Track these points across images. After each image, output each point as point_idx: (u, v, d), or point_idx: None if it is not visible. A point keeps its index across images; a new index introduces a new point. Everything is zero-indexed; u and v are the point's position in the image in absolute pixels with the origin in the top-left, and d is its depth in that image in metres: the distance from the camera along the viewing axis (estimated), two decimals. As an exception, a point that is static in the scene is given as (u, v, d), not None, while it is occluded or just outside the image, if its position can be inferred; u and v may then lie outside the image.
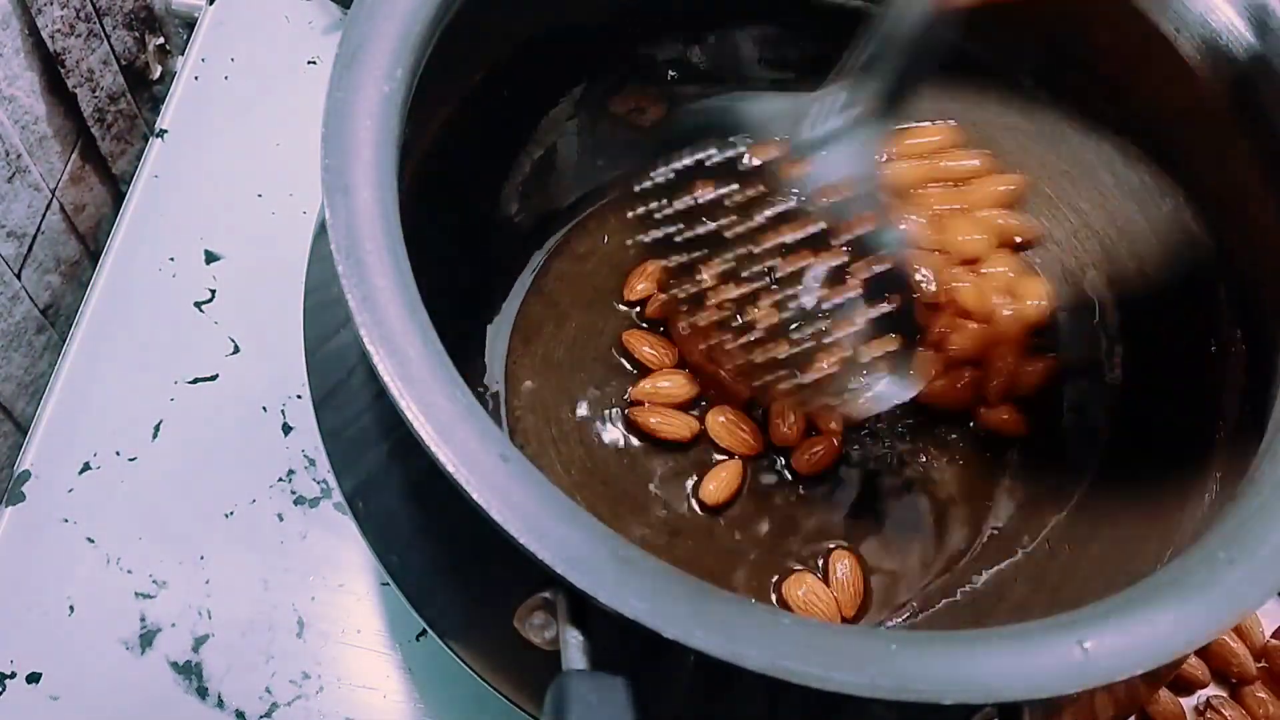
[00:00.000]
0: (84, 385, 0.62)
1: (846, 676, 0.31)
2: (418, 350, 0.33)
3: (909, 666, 0.32)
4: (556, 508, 0.32)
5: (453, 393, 0.33)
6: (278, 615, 0.57)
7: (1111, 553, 0.49)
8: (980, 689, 0.32)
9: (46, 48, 0.62)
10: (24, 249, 0.62)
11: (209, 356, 0.63)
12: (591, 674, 0.32)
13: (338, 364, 0.44)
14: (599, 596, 0.31)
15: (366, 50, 0.39)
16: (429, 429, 0.32)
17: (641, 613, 0.31)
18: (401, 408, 0.32)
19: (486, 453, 0.32)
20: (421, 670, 0.56)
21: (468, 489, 0.31)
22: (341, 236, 0.35)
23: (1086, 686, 0.33)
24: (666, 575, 0.32)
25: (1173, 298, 0.54)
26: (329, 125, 0.37)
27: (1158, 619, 0.34)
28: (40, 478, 0.60)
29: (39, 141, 0.62)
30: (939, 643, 0.34)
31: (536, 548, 0.31)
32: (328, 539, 0.59)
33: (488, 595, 0.40)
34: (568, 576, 0.31)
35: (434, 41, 0.41)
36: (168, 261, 0.66)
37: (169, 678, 0.55)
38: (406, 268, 0.35)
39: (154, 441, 0.61)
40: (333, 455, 0.44)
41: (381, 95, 0.38)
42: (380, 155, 0.37)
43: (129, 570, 0.57)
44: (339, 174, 0.36)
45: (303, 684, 0.55)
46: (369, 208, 0.36)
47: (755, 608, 0.33)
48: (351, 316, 0.33)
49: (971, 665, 0.32)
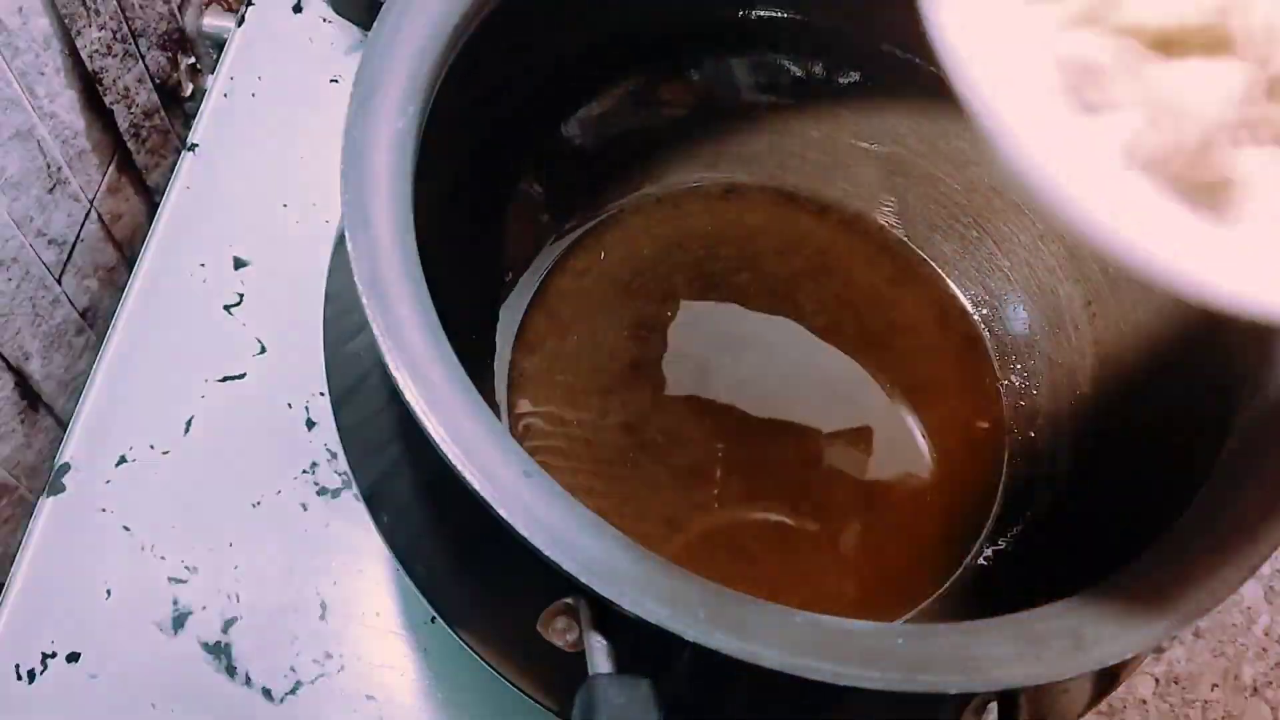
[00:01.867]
0: (120, 383, 0.61)
1: (858, 671, 0.31)
2: (440, 375, 0.32)
3: (915, 659, 0.31)
4: (578, 520, 0.31)
5: (476, 414, 0.32)
6: (302, 599, 0.55)
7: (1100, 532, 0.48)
8: (982, 678, 0.31)
9: (85, 67, 0.60)
10: (64, 256, 0.61)
11: (237, 356, 0.62)
12: (618, 677, 0.31)
13: (354, 367, 0.43)
14: (621, 603, 0.30)
15: (380, 88, 0.38)
16: (456, 450, 0.31)
17: (663, 618, 0.30)
18: (429, 429, 0.31)
19: (510, 470, 0.31)
20: (436, 651, 0.55)
21: (495, 505, 0.30)
22: (364, 269, 0.34)
23: (1082, 672, 0.32)
24: (685, 581, 0.31)
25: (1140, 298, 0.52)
26: (347, 162, 0.36)
27: (1146, 605, 0.33)
28: (79, 470, 0.58)
29: (78, 155, 0.61)
30: (942, 635, 0.33)
31: (561, 559, 0.30)
32: (348, 527, 0.57)
33: (503, 592, 0.39)
34: (591, 585, 0.30)
35: (440, 80, 0.40)
36: (198, 267, 0.64)
37: (200, 657, 0.54)
38: (426, 295, 0.34)
39: (186, 436, 0.59)
40: (350, 452, 0.43)
41: (395, 131, 0.37)
42: (396, 188, 0.36)
43: (162, 557, 0.56)
44: (359, 209, 0.35)
45: (325, 663, 0.54)
46: (387, 240, 0.35)
47: (770, 608, 0.32)
48: (377, 343, 0.32)
49: (973, 656, 0.32)
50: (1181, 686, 0.57)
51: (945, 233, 0.60)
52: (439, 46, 0.40)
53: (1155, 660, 0.58)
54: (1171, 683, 0.57)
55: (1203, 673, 0.58)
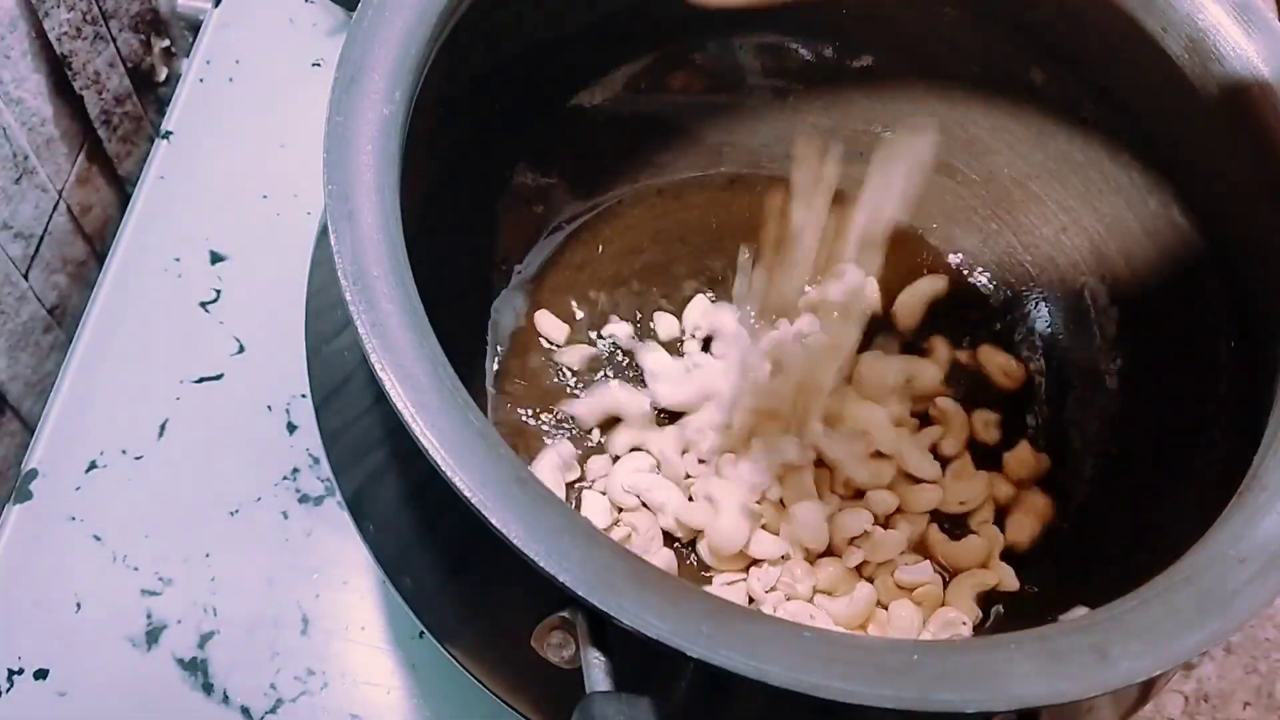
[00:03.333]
0: (90, 384, 0.60)
1: (871, 690, 0.30)
2: (428, 375, 0.32)
3: (931, 676, 0.31)
4: (574, 530, 0.30)
5: (466, 417, 0.31)
6: (282, 612, 0.55)
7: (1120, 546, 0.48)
8: (1002, 696, 0.31)
9: (53, 50, 0.60)
10: (31, 249, 0.60)
11: (214, 356, 0.61)
12: (616, 695, 0.30)
13: (338, 367, 0.43)
14: (620, 617, 0.29)
15: (365, 73, 0.37)
16: (444, 454, 0.30)
17: (664, 633, 0.29)
18: (415, 432, 0.30)
19: (502, 475, 0.30)
20: (425, 667, 0.54)
21: (486, 513, 0.30)
22: (348, 263, 0.33)
23: (1107, 690, 0.32)
24: (687, 594, 0.31)
25: (1164, 294, 0.52)
26: (330, 151, 0.35)
27: (1174, 619, 0.33)
28: (47, 476, 0.58)
29: (46, 143, 0.60)
30: (959, 650, 0.32)
31: (557, 571, 0.29)
32: (332, 537, 0.57)
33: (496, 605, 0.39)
34: (589, 599, 0.29)
35: (429, 64, 0.40)
36: (173, 262, 0.64)
37: (175, 674, 0.53)
38: (414, 291, 0.34)
39: (160, 440, 0.59)
40: (333, 457, 0.43)
41: (381, 118, 0.37)
42: (382, 179, 0.36)
43: (135, 568, 0.56)
44: (343, 200, 0.34)
45: (307, 680, 0.53)
46: (373, 233, 0.34)
47: (777, 623, 0.32)
48: (361, 341, 0.32)
49: (993, 672, 0.31)
50: (1212, 705, 0.57)
51: (963, 225, 0.59)
52: (427, 27, 0.39)
53: (1185, 677, 0.57)
54: (1201, 700, 0.57)
55: (1234, 690, 0.57)
